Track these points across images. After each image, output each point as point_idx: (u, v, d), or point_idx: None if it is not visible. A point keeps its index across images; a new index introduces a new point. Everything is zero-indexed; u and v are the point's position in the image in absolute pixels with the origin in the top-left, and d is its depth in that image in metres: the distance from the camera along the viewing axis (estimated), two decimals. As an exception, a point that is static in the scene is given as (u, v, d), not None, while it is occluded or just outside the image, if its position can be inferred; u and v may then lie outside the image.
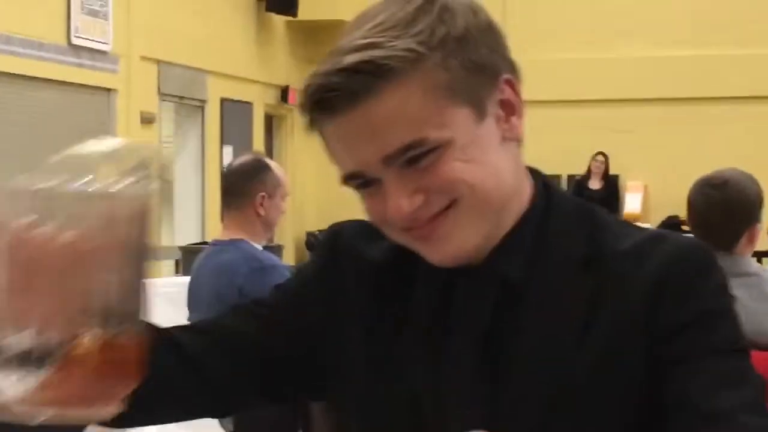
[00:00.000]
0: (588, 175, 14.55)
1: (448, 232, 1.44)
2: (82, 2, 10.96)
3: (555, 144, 14.60)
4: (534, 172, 1.58)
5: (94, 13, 11.20)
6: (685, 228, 12.52)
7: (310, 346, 1.60)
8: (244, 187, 4.62)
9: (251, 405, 1.67)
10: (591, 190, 14.44)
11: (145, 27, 12.00)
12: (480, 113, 1.43)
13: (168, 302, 7.48)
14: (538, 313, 1.48)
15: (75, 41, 10.92)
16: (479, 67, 1.44)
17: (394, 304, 1.57)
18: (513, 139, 1.49)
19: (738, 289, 3.72)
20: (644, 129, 14.74)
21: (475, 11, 1.47)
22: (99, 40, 11.28)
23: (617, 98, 14.71)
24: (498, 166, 1.45)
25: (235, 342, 1.60)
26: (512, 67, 1.51)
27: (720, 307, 1.49)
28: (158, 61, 12.43)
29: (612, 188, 14.66)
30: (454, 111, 1.40)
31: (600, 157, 14.48)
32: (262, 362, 1.58)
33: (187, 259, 9.52)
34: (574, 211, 1.56)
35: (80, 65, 11.05)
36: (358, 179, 1.45)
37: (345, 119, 1.40)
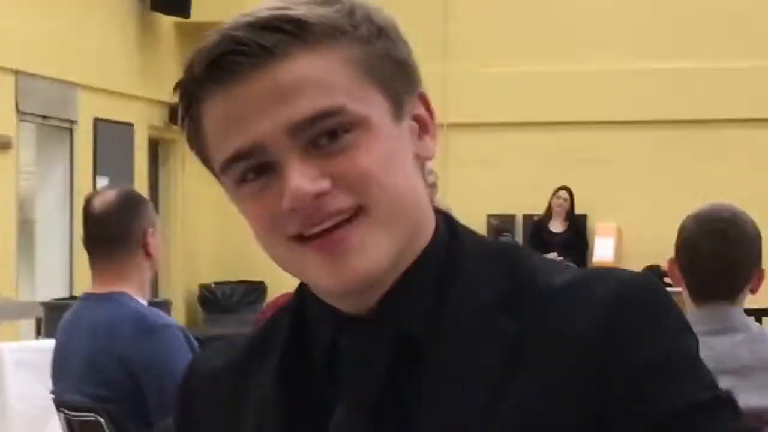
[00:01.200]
0: (549, 215, 14.63)
1: (359, 242, 1.41)
2: None
3: (507, 177, 14.71)
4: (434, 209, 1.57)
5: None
6: (668, 281, 12.61)
7: None
8: (128, 226, 4.64)
9: None
10: (552, 233, 14.52)
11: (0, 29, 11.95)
12: (397, 111, 1.45)
13: (27, 371, 7.46)
14: (444, 374, 1.45)
15: None
16: (400, 62, 1.47)
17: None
18: (425, 158, 1.50)
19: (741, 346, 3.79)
20: (617, 159, 14.84)
21: (391, 16, 1.50)
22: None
23: (583, 120, 14.80)
24: (414, 179, 1.46)
25: None
26: (422, 85, 1.53)
27: (682, 354, 1.45)
28: (16, 72, 12.40)
29: (578, 231, 14.72)
30: (373, 93, 1.43)
31: (563, 193, 14.54)
32: None
33: (52, 317, 9.47)
34: (487, 249, 1.54)
35: None
36: (247, 160, 1.41)
37: (244, 84, 1.40)
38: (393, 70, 1.46)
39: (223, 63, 1.39)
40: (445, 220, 1.55)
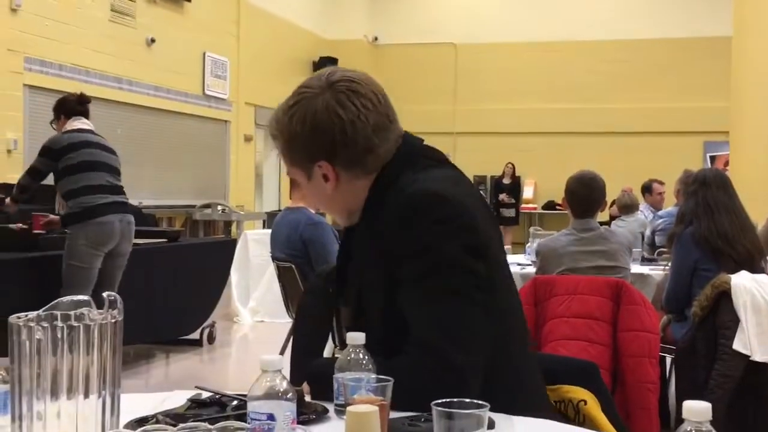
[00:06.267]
0: (502, 175, 14.43)
1: None
2: (212, 71, 10.87)
3: (483, 158, 14.47)
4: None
5: (221, 77, 11.17)
6: (560, 208, 12.23)
7: None
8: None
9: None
10: (505, 184, 14.36)
11: (250, 86, 11.88)
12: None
13: (259, 244, 7.47)
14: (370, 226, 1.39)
15: (207, 92, 10.87)
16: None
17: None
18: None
19: (591, 232, 3.64)
20: (536, 150, 14.59)
21: None
22: (222, 92, 11.24)
23: (521, 131, 14.55)
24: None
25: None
26: None
27: (432, 243, 1.24)
28: (255, 105, 12.29)
29: (516, 183, 14.54)
30: None
31: (510, 165, 14.35)
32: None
33: (271, 218, 9.52)
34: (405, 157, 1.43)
35: (209, 106, 10.98)
36: None
37: None
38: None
39: None
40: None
